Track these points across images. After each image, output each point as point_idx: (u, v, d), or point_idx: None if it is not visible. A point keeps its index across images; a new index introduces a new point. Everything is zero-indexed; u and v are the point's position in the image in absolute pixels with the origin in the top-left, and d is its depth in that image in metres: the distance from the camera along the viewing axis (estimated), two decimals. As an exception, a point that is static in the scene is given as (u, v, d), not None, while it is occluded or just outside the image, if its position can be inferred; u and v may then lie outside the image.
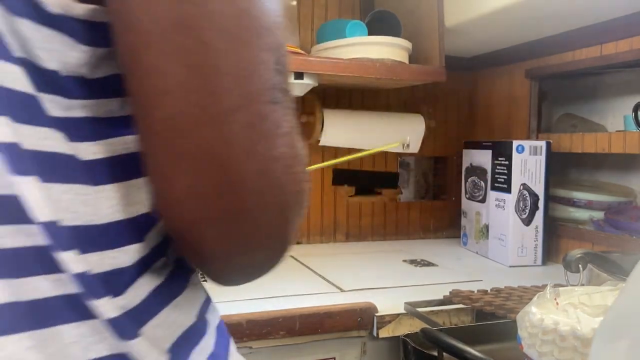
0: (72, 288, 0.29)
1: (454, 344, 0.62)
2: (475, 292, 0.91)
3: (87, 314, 0.30)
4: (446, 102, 1.52)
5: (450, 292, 0.91)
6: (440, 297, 0.90)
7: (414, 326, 0.84)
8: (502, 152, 1.22)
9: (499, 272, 1.15)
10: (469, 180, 1.35)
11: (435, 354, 0.66)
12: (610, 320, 0.29)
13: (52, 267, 0.29)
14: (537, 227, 1.20)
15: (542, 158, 1.19)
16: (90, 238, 0.30)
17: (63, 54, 0.29)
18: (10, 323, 0.28)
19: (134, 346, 0.31)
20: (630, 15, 1.04)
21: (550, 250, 1.23)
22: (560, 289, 0.54)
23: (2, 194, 0.28)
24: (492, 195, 1.25)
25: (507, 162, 1.20)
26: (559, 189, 1.24)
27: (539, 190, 1.20)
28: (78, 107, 0.30)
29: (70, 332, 0.29)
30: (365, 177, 1.46)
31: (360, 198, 1.45)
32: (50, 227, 0.28)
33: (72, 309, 0.29)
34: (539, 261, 1.20)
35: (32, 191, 0.28)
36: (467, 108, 1.55)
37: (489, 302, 0.85)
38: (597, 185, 1.25)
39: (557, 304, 0.50)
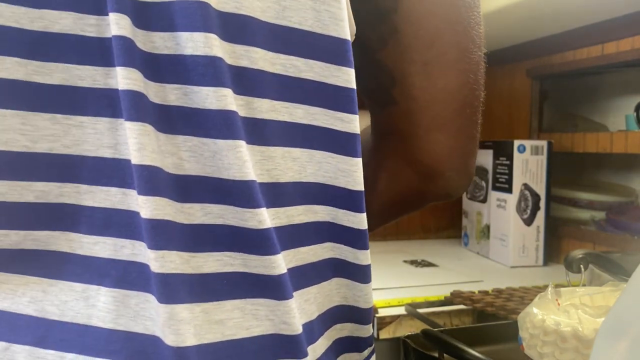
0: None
1: (455, 345, 0.61)
2: (477, 292, 0.91)
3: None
4: (447, 102, 1.51)
5: (451, 293, 0.91)
6: (441, 298, 0.90)
7: (415, 327, 0.83)
8: (503, 151, 1.21)
9: (500, 272, 1.15)
10: (470, 180, 1.34)
11: (436, 355, 0.66)
12: (611, 321, 0.28)
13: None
14: (538, 227, 1.19)
15: (543, 158, 1.19)
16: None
17: None
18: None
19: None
20: (631, 15, 1.04)
21: (552, 250, 1.22)
22: (562, 289, 0.54)
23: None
24: (493, 195, 1.25)
25: (508, 162, 1.19)
26: (561, 189, 1.24)
27: (541, 190, 1.19)
28: None
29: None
30: (365, 178, 1.45)
31: (360, 198, 1.44)
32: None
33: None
34: (540, 261, 1.20)
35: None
36: (468, 108, 1.54)
37: (490, 303, 0.84)
38: (598, 185, 1.24)
39: (559, 304, 0.50)
